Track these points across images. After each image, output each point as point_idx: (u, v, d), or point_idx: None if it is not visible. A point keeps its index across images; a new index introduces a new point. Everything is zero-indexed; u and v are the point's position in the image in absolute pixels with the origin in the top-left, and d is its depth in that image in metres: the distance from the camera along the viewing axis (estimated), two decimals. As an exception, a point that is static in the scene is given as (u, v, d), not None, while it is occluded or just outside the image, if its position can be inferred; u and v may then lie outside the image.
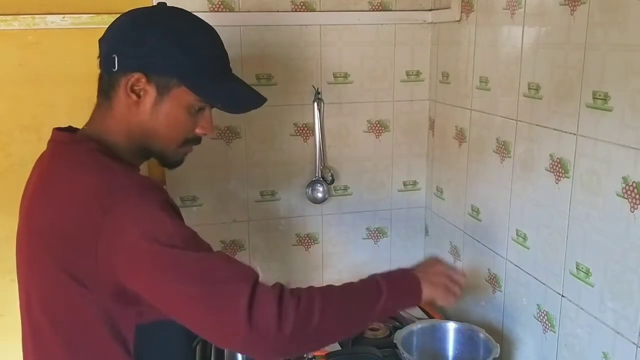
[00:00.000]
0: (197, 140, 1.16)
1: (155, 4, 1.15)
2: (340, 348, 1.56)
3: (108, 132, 1.10)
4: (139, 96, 1.06)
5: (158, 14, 1.12)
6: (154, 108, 1.08)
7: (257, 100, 1.17)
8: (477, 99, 1.57)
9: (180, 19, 1.12)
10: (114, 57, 1.05)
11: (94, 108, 1.14)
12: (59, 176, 1.07)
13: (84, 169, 1.04)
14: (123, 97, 1.07)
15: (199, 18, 1.14)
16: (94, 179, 1.00)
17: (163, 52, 1.05)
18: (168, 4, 1.56)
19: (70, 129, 1.15)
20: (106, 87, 1.09)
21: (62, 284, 1.02)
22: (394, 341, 1.41)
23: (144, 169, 1.38)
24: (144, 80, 1.05)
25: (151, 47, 1.05)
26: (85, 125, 1.14)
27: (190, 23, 1.12)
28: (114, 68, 1.06)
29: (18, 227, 1.18)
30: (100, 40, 1.12)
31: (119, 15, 1.16)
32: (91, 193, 0.99)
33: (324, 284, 1.90)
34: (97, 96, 1.13)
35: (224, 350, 1.55)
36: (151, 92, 1.07)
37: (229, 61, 1.17)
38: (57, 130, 1.14)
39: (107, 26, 1.52)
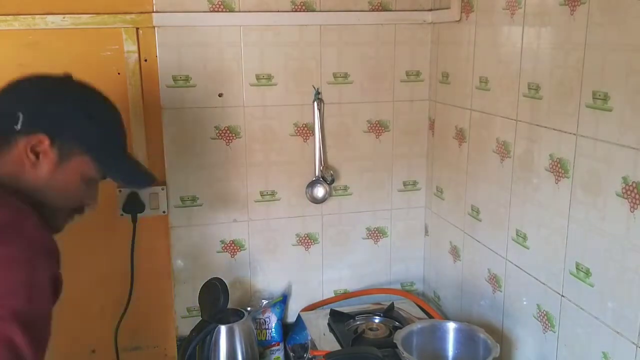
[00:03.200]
0: (81, 210, 1.14)
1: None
2: (340, 348, 1.57)
3: (19, 181, 1.04)
4: (37, 159, 1.04)
5: (70, 84, 1.13)
6: (51, 173, 1.05)
7: (149, 179, 1.21)
8: (477, 99, 1.57)
9: (92, 92, 1.13)
10: (19, 116, 1.02)
11: None
12: None
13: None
14: (19, 157, 1.03)
15: (105, 95, 1.15)
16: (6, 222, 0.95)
17: (73, 120, 1.05)
18: (169, 6, 1.56)
19: None
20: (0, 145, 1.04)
21: None
22: (394, 341, 1.41)
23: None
24: (47, 143, 1.03)
25: (61, 113, 1.05)
26: None
27: (99, 98, 1.14)
28: (16, 126, 1.02)
29: None
30: (2, 95, 1.08)
31: (116, 14, 1.15)
32: None
33: (324, 284, 1.92)
34: None
35: (224, 349, 1.55)
36: (51, 157, 1.04)
37: (126, 139, 1.19)
38: None
39: (107, 26, 1.55)
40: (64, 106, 1.06)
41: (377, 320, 1.71)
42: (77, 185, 1.09)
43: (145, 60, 1.61)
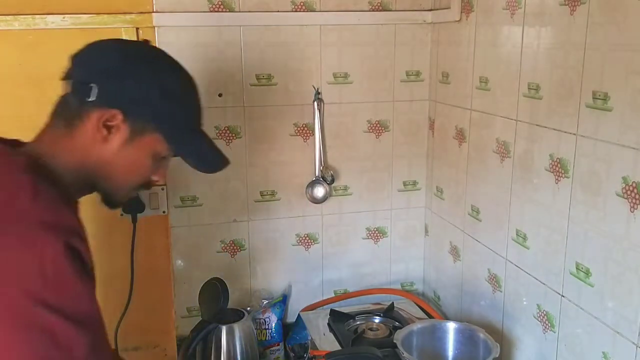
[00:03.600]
0: (148, 185, 1.12)
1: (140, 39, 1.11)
2: (340, 348, 1.57)
3: (55, 156, 1.01)
4: (109, 133, 1.00)
5: (146, 54, 1.08)
6: (122, 148, 1.02)
7: (223, 163, 1.15)
8: (477, 99, 1.57)
9: (168, 64, 1.08)
10: (91, 87, 0.98)
11: (44, 128, 1.06)
12: None
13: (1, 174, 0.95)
14: (90, 129, 1.00)
15: (182, 66, 1.09)
16: (5, 189, 0.92)
17: (147, 96, 1.01)
18: (169, 6, 1.56)
19: (13, 142, 1.06)
20: (71, 114, 1.01)
21: None
22: (394, 341, 1.41)
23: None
24: (120, 118, 0.99)
25: (135, 87, 1.01)
26: (31, 143, 1.05)
27: (176, 70, 1.08)
28: (89, 97, 0.98)
29: None
30: (76, 61, 1.05)
31: (116, 14, 1.13)
32: None
33: (324, 284, 1.92)
34: (52, 118, 1.05)
35: (223, 349, 1.55)
36: (123, 132, 1.01)
37: (202, 116, 1.13)
38: None
39: (107, 26, 1.55)
40: (139, 80, 1.01)
41: (377, 320, 1.71)
42: (146, 162, 1.06)
43: (145, 60, 1.61)
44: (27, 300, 0.85)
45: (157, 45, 1.59)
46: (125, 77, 1.01)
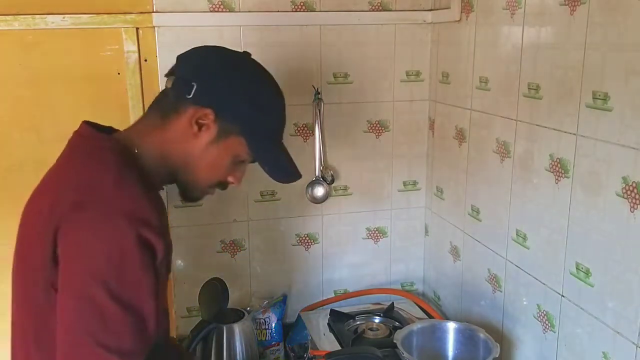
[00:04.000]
0: (224, 185, 1.18)
1: (241, 50, 1.20)
2: (340, 348, 1.57)
3: (144, 145, 1.08)
4: (199, 130, 1.07)
5: (245, 64, 1.15)
6: (208, 146, 1.09)
7: (295, 175, 1.23)
8: (477, 99, 1.57)
9: (263, 76, 1.16)
10: (193, 85, 1.06)
11: (140, 118, 1.15)
12: (60, 165, 1.07)
13: (83, 160, 1.03)
14: (183, 124, 1.07)
15: (274, 81, 1.17)
16: (86, 169, 1.00)
17: (239, 101, 1.09)
18: (169, 6, 1.57)
19: (107, 129, 1.14)
20: (168, 107, 1.09)
21: (39, 275, 1.00)
22: (394, 341, 1.41)
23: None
24: (212, 117, 1.07)
25: (230, 92, 1.08)
26: (125, 130, 1.13)
27: (269, 83, 1.16)
28: (189, 95, 1.06)
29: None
30: (182, 60, 1.14)
31: (116, 14, 1.12)
32: (73, 182, 0.99)
33: (324, 284, 1.92)
34: (150, 109, 1.14)
35: (223, 349, 1.55)
36: (212, 131, 1.08)
37: (284, 130, 1.21)
38: (85, 123, 1.13)
39: (107, 26, 1.55)
40: (235, 86, 1.09)
41: (377, 320, 1.71)
42: (225, 163, 1.12)
43: (146, 60, 1.61)
44: (92, 279, 0.91)
45: (156, 45, 1.60)
46: (223, 81, 1.08)
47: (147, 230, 0.94)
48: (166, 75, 1.13)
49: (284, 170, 1.20)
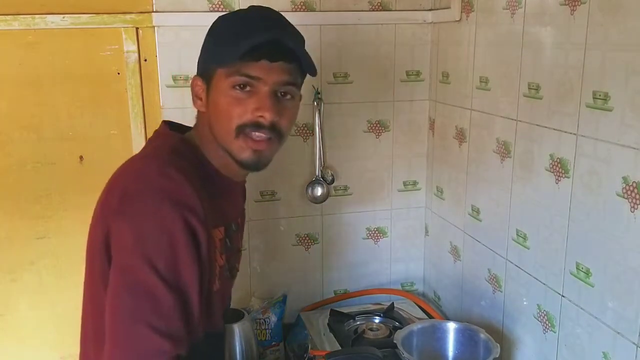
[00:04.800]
0: (253, 126, 1.05)
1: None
2: (340, 348, 1.57)
3: (200, 137, 1.12)
4: (200, 99, 1.10)
5: (224, 17, 1.15)
6: (207, 101, 1.09)
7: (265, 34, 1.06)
8: (477, 99, 1.57)
9: (231, 14, 1.16)
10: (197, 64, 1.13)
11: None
12: (128, 161, 1.09)
13: (140, 156, 1.07)
14: (196, 103, 1.12)
15: (252, 7, 1.16)
16: (139, 165, 1.03)
17: (203, 48, 1.12)
18: (169, 6, 1.56)
19: (183, 127, 1.17)
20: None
21: (97, 262, 1.02)
22: (394, 341, 1.41)
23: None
24: (199, 82, 1.10)
25: (201, 49, 1.12)
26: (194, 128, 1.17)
27: (234, 12, 1.18)
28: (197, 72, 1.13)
29: None
30: None
31: (116, 14, 1.13)
32: (123, 177, 1.01)
33: (324, 284, 1.92)
34: None
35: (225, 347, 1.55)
36: (203, 88, 1.10)
37: (254, 29, 1.07)
38: (164, 122, 1.16)
39: (107, 26, 1.55)
40: (205, 40, 1.12)
41: (377, 321, 1.71)
42: (227, 100, 1.05)
43: (145, 60, 1.61)
44: (143, 264, 0.92)
45: (156, 45, 1.60)
46: (202, 46, 1.12)
47: (192, 216, 0.95)
48: None
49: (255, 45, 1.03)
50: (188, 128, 1.16)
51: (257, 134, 1.05)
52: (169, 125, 1.14)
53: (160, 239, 0.93)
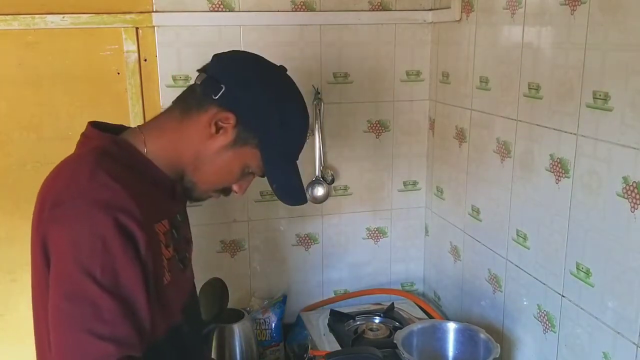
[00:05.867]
0: (227, 192, 1.15)
1: (278, 65, 1.17)
2: (340, 348, 1.57)
3: (157, 140, 1.07)
4: (217, 132, 1.05)
5: (279, 78, 1.13)
6: (221, 150, 1.06)
7: (302, 200, 1.19)
8: (477, 99, 1.57)
9: (293, 94, 1.13)
10: (222, 87, 1.04)
11: (162, 111, 1.14)
12: (54, 169, 1.06)
13: (69, 162, 1.03)
14: (202, 123, 1.05)
15: (304, 102, 1.15)
16: (69, 172, 1.00)
17: (263, 114, 1.06)
18: (169, 6, 1.57)
19: (113, 127, 1.12)
20: (191, 103, 1.08)
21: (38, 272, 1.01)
22: (394, 341, 1.41)
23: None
24: (232, 122, 1.04)
25: (257, 102, 1.06)
26: (141, 125, 1.14)
27: (298, 102, 1.13)
28: (215, 95, 1.04)
29: None
30: (217, 60, 1.11)
31: (116, 14, 1.12)
32: (54, 185, 0.99)
33: (324, 284, 1.92)
34: (174, 102, 1.12)
35: (224, 349, 1.55)
36: (229, 136, 1.05)
37: (301, 151, 1.18)
38: (90, 124, 1.10)
39: (106, 26, 1.55)
40: (263, 98, 1.06)
41: (377, 321, 1.71)
42: (235, 170, 1.10)
43: (145, 60, 1.61)
44: (79, 272, 0.91)
45: (156, 45, 1.60)
46: (252, 90, 1.06)
47: (125, 217, 0.93)
48: (198, 71, 1.11)
49: (292, 192, 1.17)
50: (118, 127, 1.12)
51: (222, 196, 1.16)
52: (97, 126, 1.09)
53: (94, 245, 0.91)
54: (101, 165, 0.98)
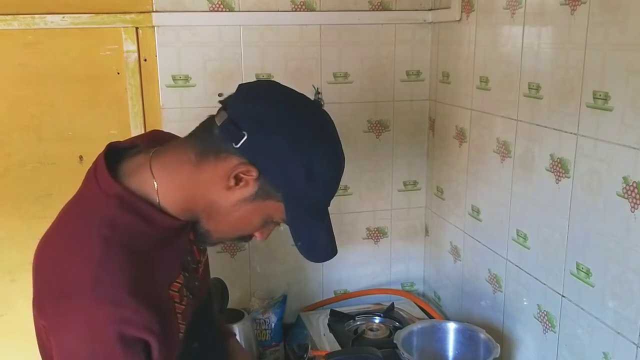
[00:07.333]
0: (247, 239, 1.05)
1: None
2: (340, 348, 1.57)
3: (167, 181, 0.95)
4: (236, 184, 0.93)
5: (310, 120, 0.98)
6: (240, 203, 0.95)
7: (331, 254, 1.04)
8: (477, 98, 1.57)
9: (326, 139, 0.99)
10: (243, 135, 0.90)
11: (175, 144, 1.00)
12: (63, 214, 0.98)
13: (71, 236, 0.94)
14: (220, 172, 0.92)
15: (338, 145, 1.01)
16: (70, 257, 0.91)
17: (289, 166, 0.93)
18: (168, 6, 1.55)
19: (126, 151, 1.00)
20: (208, 146, 0.93)
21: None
22: (394, 341, 1.41)
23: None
24: (254, 176, 0.92)
25: (283, 154, 0.92)
26: (159, 155, 0.97)
27: (329, 149, 0.99)
28: (236, 144, 0.90)
29: None
30: (242, 95, 0.98)
31: (116, 14, 1.10)
32: (56, 270, 0.91)
33: (324, 284, 1.91)
34: (190, 137, 0.98)
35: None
36: (250, 190, 0.93)
37: (332, 198, 1.04)
38: (105, 153, 0.98)
39: (106, 26, 1.55)
40: (290, 148, 0.92)
41: (377, 321, 1.71)
42: (256, 222, 1.00)
43: (145, 60, 1.61)
44: None
45: (156, 45, 1.60)
46: (277, 138, 0.92)
47: (133, 329, 0.86)
48: (220, 102, 0.97)
49: (318, 250, 1.04)
50: (131, 148, 1.01)
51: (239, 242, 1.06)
52: (110, 154, 0.98)
53: (95, 356, 0.87)
54: (108, 262, 0.88)
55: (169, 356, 0.93)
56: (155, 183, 0.95)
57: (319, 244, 1.03)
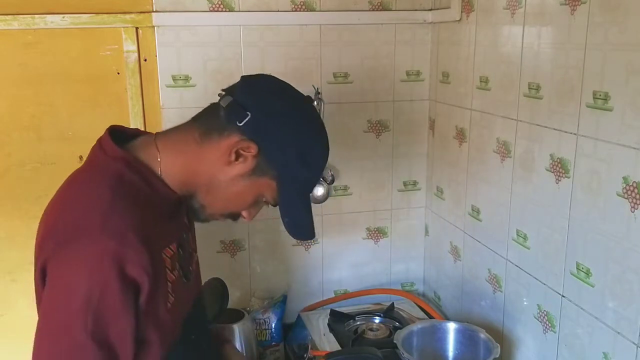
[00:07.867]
0: (235, 217, 1.13)
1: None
2: (340, 348, 1.57)
3: (172, 157, 1.03)
4: (236, 160, 1.02)
5: (306, 112, 1.10)
6: (237, 178, 1.04)
7: (310, 235, 1.17)
8: (477, 98, 1.57)
9: (318, 130, 1.11)
10: (247, 115, 1.01)
11: (181, 125, 1.09)
12: (68, 183, 1.03)
13: (81, 189, 1.00)
14: (222, 148, 1.02)
15: (326, 137, 1.12)
16: (81, 207, 0.96)
17: (287, 148, 1.04)
18: (169, 6, 1.56)
19: (129, 134, 1.08)
20: (213, 125, 1.03)
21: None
22: (394, 341, 1.41)
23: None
24: (254, 152, 1.01)
25: (282, 136, 1.03)
26: (164, 134, 1.08)
27: (321, 139, 1.11)
28: (239, 122, 1.00)
29: None
30: (245, 84, 1.08)
31: (116, 14, 1.11)
32: (63, 218, 0.96)
33: (324, 284, 1.91)
34: (195, 120, 1.08)
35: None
36: (248, 165, 1.03)
37: (315, 185, 1.18)
38: (109, 131, 1.06)
39: (106, 26, 1.55)
40: (288, 132, 1.04)
41: (377, 321, 1.71)
42: (248, 199, 1.08)
43: (145, 60, 1.61)
44: (69, 315, 0.90)
45: (156, 45, 1.60)
46: (278, 122, 1.03)
47: (134, 267, 0.91)
48: (223, 90, 1.07)
49: (302, 228, 1.15)
50: (134, 132, 1.10)
51: (230, 220, 1.14)
52: (114, 132, 1.06)
53: (91, 293, 0.90)
54: (115, 205, 0.95)
55: (153, 309, 0.97)
56: (159, 156, 1.03)
57: (302, 224, 1.13)
